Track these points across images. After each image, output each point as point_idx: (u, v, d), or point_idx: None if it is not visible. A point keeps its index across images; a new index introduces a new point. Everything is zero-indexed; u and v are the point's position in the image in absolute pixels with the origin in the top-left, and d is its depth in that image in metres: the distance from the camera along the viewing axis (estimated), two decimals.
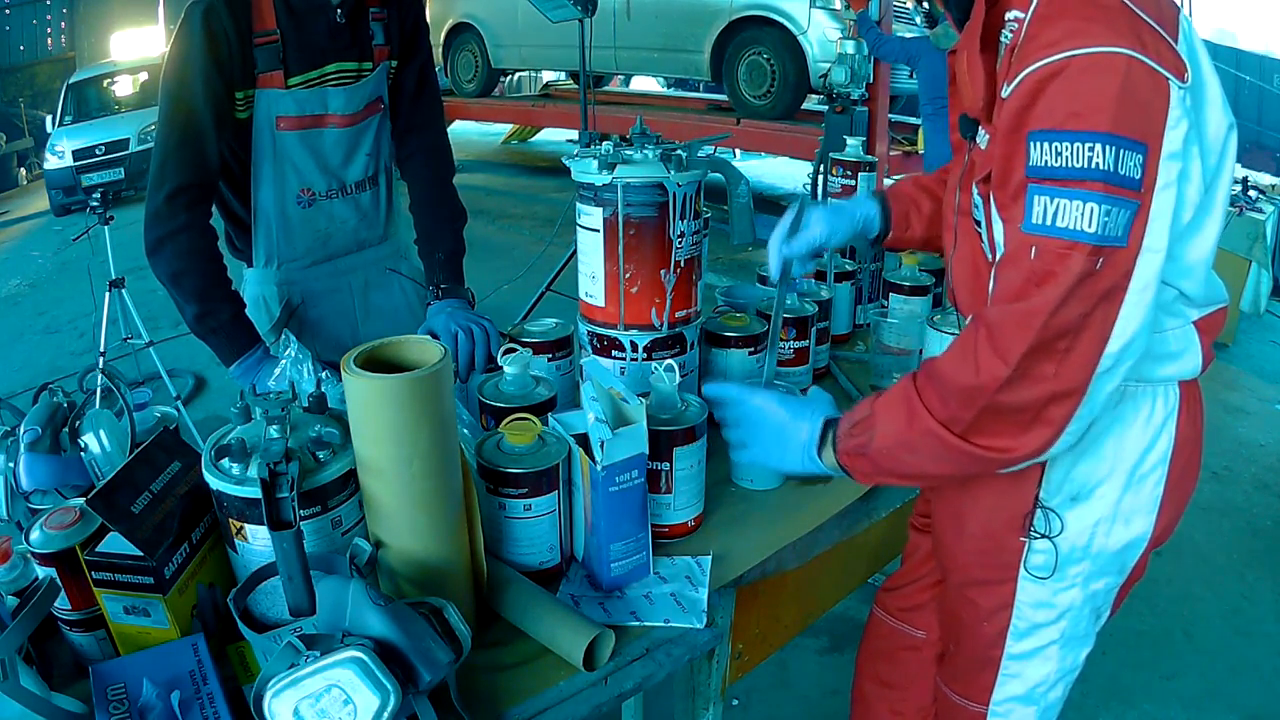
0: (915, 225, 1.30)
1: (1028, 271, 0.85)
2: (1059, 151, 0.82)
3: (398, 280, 1.76)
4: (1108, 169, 0.80)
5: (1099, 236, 0.82)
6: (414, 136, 1.66)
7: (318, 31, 1.43)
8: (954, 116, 1.07)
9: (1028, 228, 0.85)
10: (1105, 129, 0.80)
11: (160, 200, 1.36)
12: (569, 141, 5.55)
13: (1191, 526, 1.11)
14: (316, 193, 1.56)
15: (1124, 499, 1.03)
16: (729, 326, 1.40)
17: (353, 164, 1.59)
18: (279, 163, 1.50)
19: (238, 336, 1.42)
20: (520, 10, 6.67)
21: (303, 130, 1.49)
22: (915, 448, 0.95)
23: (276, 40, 1.39)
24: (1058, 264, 0.83)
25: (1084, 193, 0.81)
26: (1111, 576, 1.09)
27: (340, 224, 1.62)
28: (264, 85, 1.42)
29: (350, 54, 1.49)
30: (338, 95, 1.49)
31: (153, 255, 1.39)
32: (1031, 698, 1.15)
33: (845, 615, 2.33)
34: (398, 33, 1.56)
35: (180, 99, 1.35)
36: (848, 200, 1.32)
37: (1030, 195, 0.85)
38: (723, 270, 5.39)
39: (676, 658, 1.00)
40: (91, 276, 3.85)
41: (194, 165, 1.38)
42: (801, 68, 5.83)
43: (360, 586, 0.78)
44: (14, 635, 0.73)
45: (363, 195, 1.63)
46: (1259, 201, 4.97)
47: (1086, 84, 0.80)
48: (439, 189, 1.67)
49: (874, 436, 0.98)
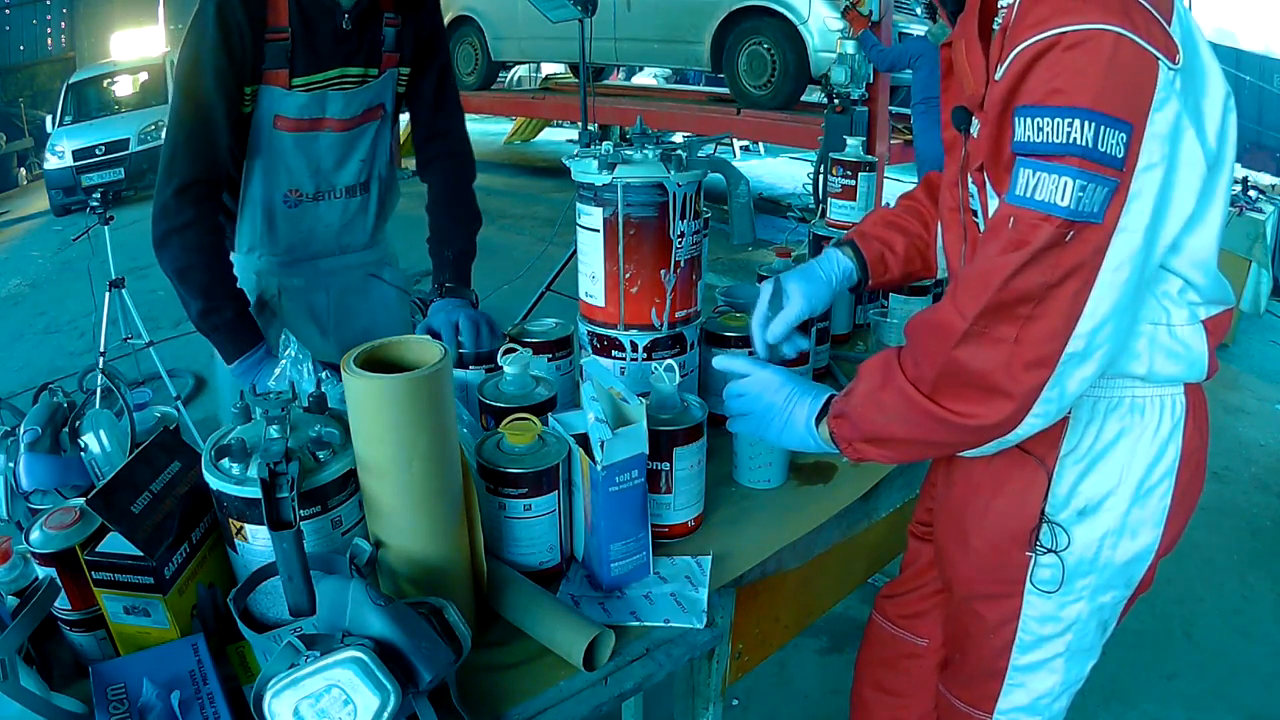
0: (892, 266, 1.28)
1: (1004, 240, 0.86)
2: (1040, 127, 0.82)
3: (379, 287, 1.74)
4: (1086, 145, 0.80)
5: (1072, 211, 0.82)
6: (435, 142, 1.67)
7: (324, 35, 1.43)
8: (946, 112, 1.06)
9: (1010, 199, 0.86)
10: (1086, 105, 0.80)
11: (169, 194, 1.36)
12: (569, 142, 5.58)
13: (1191, 526, 1.10)
14: (304, 194, 1.56)
15: (1131, 512, 1.02)
16: (729, 326, 1.40)
17: (345, 168, 1.58)
18: (271, 161, 1.49)
19: (241, 334, 1.43)
20: (520, 3, 6.66)
21: (299, 132, 1.48)
22: (886, 406, 0.96)
23: (287, 39, 1.39)
24: (1030, 234, 0.84)
25: (1061, 167, 0.82)
26: (1118, 590, 1.08)
27: (325, 226, 1.62)
28: (269, 82, 1.41)
29: (356, 59, 1.48)
30: (337, 99, 1.49)
31: (160, 249, 1.39)
32: (1036, 708, 1.14)
33: (845, 615, 2.33)
34: (412, 39, 1.55)
35: (192, 93, 1.35)
36: (819, 260, 1.29)
37: (1016, 169, 0.85)
38: (723, 270, 5.40)
39: (676, 658, 1.00)
40: (91, 276, 3.85)
41: (204, 159, 1.38)
42: (802, 58, 5.84)
43: (360, 586, 0.78)
44: (14, 635, 0.73)
45: (352, 200, 1.62)
46: (1259, 201, 4.97)
47: (1072, 60, 0.81)
48: (457, 192, 1.67)
49: (854, 394, 0.99)
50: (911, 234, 1.27)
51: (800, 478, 1.33)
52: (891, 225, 1.28)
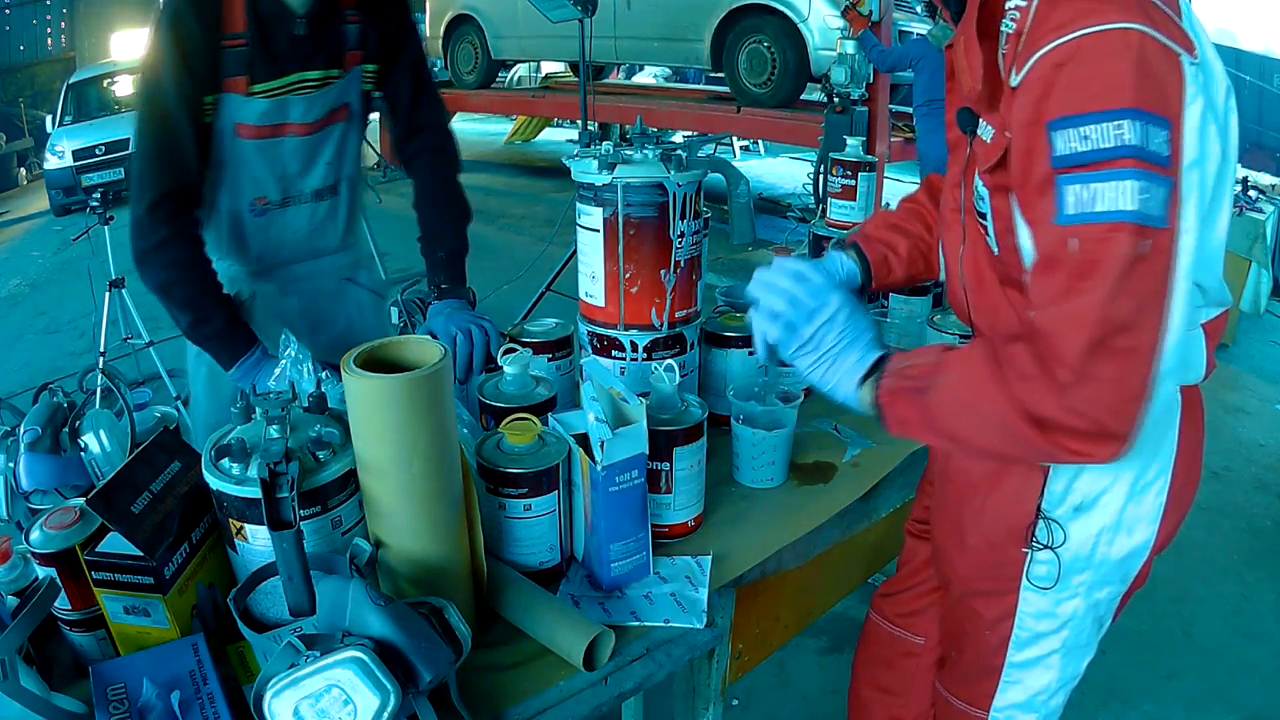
0: (895, 268, 1.25)
1: (1070, 266, 0.80)
2: (1086, 135, 0.78)
3: (354, 292, 1.71)
4: (1139, 144, 0.77)
5: (1141, 215, 0.77)
6: (418, 138, 1.64)
7: (281, 40, 1.39)
8: (951, 114, 1.06)
9: (1062, 220, 0.80)
10: (1130, 105, 0.77)
11: (143, 211, 1.34)
12: (569, 142, 5.57)
13: (1191, 526, 1.10)
14: (271, 201, 1.52)
15: (1127, 508, 1.02)
16: (729, 326, 1.40)
17: (311, 173, 1.54)
18: (235, 171, 1.46)
19: (234, 340, 1.41)
20: (520, 2, 6.67)
21: (261, 139, 1.45)
22: (985, 419, 0.88)
23: (244, 44, 1.35)
24: (1101, 249, 0.78)
25: (1118, 172, 0.77)
26: (1114, 585, 1.08)
27: (294, 232, 1.58)
28: (228, 90, 1.38)
29: (315, 63, 1.44)
30: (298, 103, 1.45)
31: (140, 266, 1.37)
32: (1032, 705, 1.14)
33: (845, 615, 2.32)
34: (375, 36, 1.51)
35: (155, 106, 1.33)
36: (822, 262, 1.24)
37: (1060, 187, 0.80)
38: (723, 270, 5.39)
39: (676, 658, 1.00)
40: (91, 276, 3.85)
41: (174, 172, 1.35)
42: (802, 56, 5.83)
43: (360, 586, 0.78)
44: (14, 635, 0.73)
45: (320, 204, 1.59)
46: (1259, 201, 4.97)
47: (1102, 63, 0.78)
48: (444, 187, 1.64)
49: (937, 387, 0.90)
50: (914, 236, 1.26)
51: (800, 478, 1.33)
52: (894, 228, 1.28)
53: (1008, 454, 0.97)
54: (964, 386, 0.90)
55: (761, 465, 1.28)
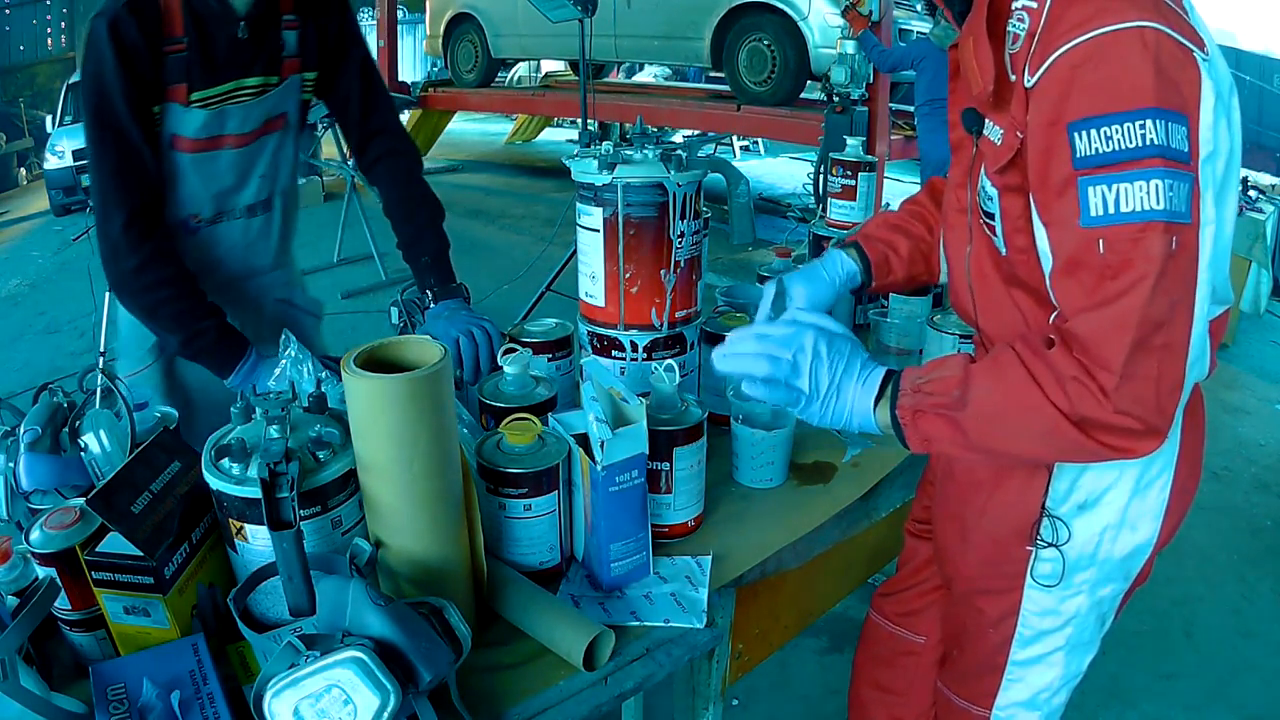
0: (895, 268, 1.25)
1: (1099, 268, 0.80)
2: (1108, 135, 0.78)
3: (292, 314, 1.65)
4: (1163, 143, 0.77)
5: (1169, 213, 0.77)
6: (374, 143, 1.59)
7: (221, 44, 1.33)
8: (954, 114, 1.06)
9: (1087, 222, 0.80)
10: (1151, 104, 0.77)
11: (116, 234, 1.30)
12: (569, 142, 5.57)
13: (1191, 526, 1.10)
14: (203, 218, 1.46)
15: (1131, 505, 1.02)
16: (729, 326, 1.40)
17: (246, 187, 1.48)
18: (170, 186, 1.39)
19: (228, 350, 1.38)
20: (520, 1, 6.67)
21: (197, 153, 1.39)
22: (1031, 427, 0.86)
23: (184, 49, 1.30)
24: (1132, 250, 0.78)
25: (1144, 171, 0.77)
26: (1117, 582, 1.08)
27: (227, 250, 1.52)
28: (170, 99, 1.32)
29: (254, 69, 1.39)
30: (235, 113, 1.39)
31: (119, 291, 1.33)
32: (1035, 703, 1.15)
33: (845, 615, 2.33)
34: (315, 41, 1.46)
35: (106, 121, 1.27)
36: (823, 261, 1.26)
37: (1082, 189, 0.80)
38: (723, 270, 5.40)
39: (676, 658, 0.99)
40: (91, 276, 3.83)
41: (138, 187, 1.31)
42: (802, 54, 5.84)
43: (360, 586, 0.78)
44: (14, 635, 0.73)
45: (254, 220, 1.53)
46: (1259, 201, 4.98)
47: (1120, 62, 0.78)
48: (409, 189, 1.60)
49: (968, 402, 0.88)
50: (915, 237, 1.26)
51: (800, 478, 1.33)
52: (895, 228, 1.28)
53: (1047, 459, 0.97)
54: (1000, 398, 0.87)
55: (761, 465, 1.28)
